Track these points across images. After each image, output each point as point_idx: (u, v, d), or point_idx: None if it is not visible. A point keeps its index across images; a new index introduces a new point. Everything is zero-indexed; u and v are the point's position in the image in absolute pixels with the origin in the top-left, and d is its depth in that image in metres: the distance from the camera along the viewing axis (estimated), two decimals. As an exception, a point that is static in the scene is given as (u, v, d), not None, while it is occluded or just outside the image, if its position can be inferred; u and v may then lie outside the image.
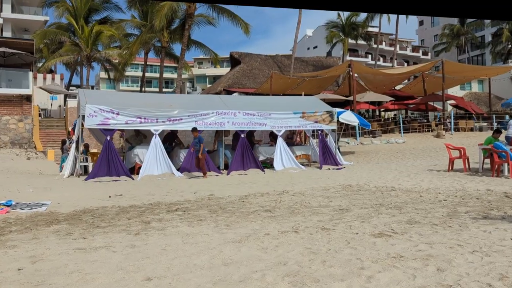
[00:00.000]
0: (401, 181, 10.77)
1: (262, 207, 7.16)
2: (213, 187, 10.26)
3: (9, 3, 49.16)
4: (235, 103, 15.75)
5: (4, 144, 23.60)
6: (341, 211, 6.67)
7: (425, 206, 7.08)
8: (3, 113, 23.93)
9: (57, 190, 9.75)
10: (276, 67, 39.22)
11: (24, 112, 24.37)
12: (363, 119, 19.57)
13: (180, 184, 11.11)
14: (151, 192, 9.24)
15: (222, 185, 10.73)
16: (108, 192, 9.41)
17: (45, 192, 9.47)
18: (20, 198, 8.40)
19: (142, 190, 9.76)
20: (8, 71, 25.97)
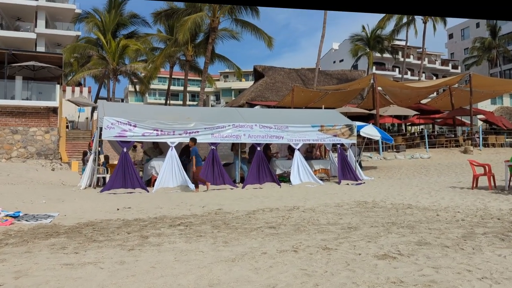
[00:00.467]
0: (420, 198, 10.34)
1: (267, 223, 6.93)
2: (224, 201, 10.09)
3: (44, 19, 50.99)
4: (253, 116, 15.62)
5: (30, 155, 24.12)
6: (349, 230, 6.37)
7: (439, 226, 6.70)
8: (31, 125, 24.50)
9: (69, 202, 9.76)
10: (300, 80, 39.05)
11: (50, 124, 24.89)
12: (385, 133, 19.11)
13: (192, 197, 10.99)
14: (160, 205, 9.13)
15: (233, 199, 10.54)
16: (120, 205, 9.36)
17: (57, 203, 9.49)
18: (31, 209, 8.43)
19: (153, 203, 9.67)
20: (37, 84, 26.69)
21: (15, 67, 25.79)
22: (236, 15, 30.46)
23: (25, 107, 24.36)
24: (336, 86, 29.75)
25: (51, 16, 51.41)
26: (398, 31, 44.47)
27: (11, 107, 24.09)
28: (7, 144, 23.65)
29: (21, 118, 24.32)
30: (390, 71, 68.18)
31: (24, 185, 15.41)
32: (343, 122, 16.01)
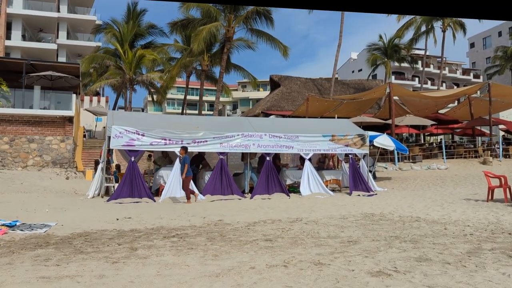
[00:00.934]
0: (431, 210, 9.96)
1: (265, 235, 6.70)
2: (228, 211, 9.89)
3: (65, 30, 52.10)
4: (262, 125, 15.44)
5: (46, 163, 24.39)
6: (348, 244, 6.10)
7: (445, 241, 6.37)
8: (47, 134, 24.82)
9: (72, 211, 9.70)
10: (316, 90, 38.78)
11: (66, 133, 25.17)
12: (399, 143, 18.68)
13: (196, 207, 10.82)
14: (161, 216, 8.99)
15: (238, 209, 10.34)
16: (122, 214, 9.26)
17: (60, 212, 9.44)
18: (32, 218, 8.38)
19: (155, 213, 9.53)
20: (53, 94, 27.09)
21: (33, 77, 26.27)
22: (251, 24, 30.48)
23: (42, 116, 24.70)
24: (351, 96, 29.38)
25: (72, 27, 52.51)
26: (417, 40, 43.87)
27: (28, 116, 24.46)
28: (24, 153, 23.98)
29: (37, 127, 24.66)
30: (409, 80, 67.34)
31: (35, 194, 15.50)
32: (355, 131, 15.68)
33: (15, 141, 23.90)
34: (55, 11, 48.94)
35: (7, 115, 24.21)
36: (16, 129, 24.35)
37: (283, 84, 38.79)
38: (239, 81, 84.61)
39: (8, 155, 23.69)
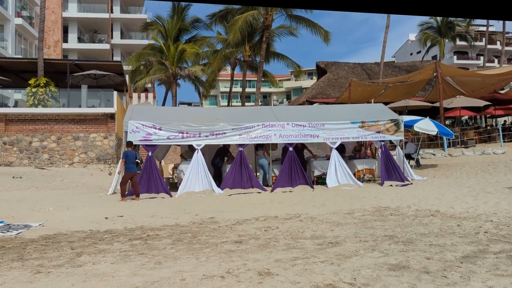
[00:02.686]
0: (459, 202, 8.77)
1: (240, 236, 6.02)
2: (230, 207, 9.28)
3: (119, 30, 53.72)
4: (287, 114, 14.64)
5: (91, 160, 25.05)
6: (326, 246, 5.29)
7: (447, 241, 5.37)
8: (91, 131, 25.45)
9: (75, 209, 9.53)
10: (365, 74, 37.05)
11: (109, 129, 25.68)
12: (444, 128, 17.07)
13: (203, 202, 10.29)
14: (156, 213, 8.54)
15: (244, 204, 9.69)
16: (127, 211, 8.94)
17: (61, 211, 9.28)
18: (25, 218, 8.24)
19: (154, 210, 9.11)
20: (96, 92, 27.81)
21: (78, 76, 27.05)
22: (290, 11, 29.45)
23: (85, 114, 25.35)
24: (394, 79, 27.57)
25: (125, 26, 54.03)
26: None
27: (73, 114, 25.19)
28: (70, 150, 24.74)
29: (82, 125, 25.35)
30: (474, 59, 62.94)
31: (69, 190, 15.76)
32: (388, 116, 14.43)
33: (62, 139, 24.72)
34: (108, 12, 50.53)
35: (53, 114, 25.07)
36: (62, 128, 25.17)
37: (330, 71, 37.41)
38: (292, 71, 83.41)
39: (55, 153, 24.56)
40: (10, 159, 23.93)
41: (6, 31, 39.19)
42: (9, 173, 20.05)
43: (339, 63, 38.57)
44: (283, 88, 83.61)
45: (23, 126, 24.73)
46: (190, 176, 12.91)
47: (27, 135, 24.50)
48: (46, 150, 24.38)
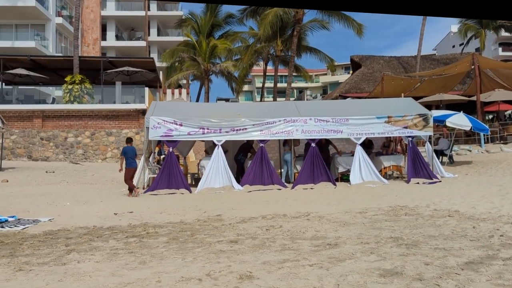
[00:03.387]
0: (484, 202, 8.23)
1: (238, 235, 5.84)
2: (242, 205, 9.09)
3: (155, 27, 54.58)
4: (310, 109, 14.30)
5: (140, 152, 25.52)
6: (322, 248, 5.03)
7: (454, 245, 5.00)
8: (123, 127, 25.94)
9: (92, 204, 9.63)
10: (401, 68, 35.92)
11: (140, 125, 26.06)
12: (479, 123, 16.20)
13: (218, 199, 10.17)
14: (164, 210, 8.48)
15: (257, 202, 9.49)
16: (139, 207, 8.96)
17: (77, 206, 9.40)
18: (45, 212, 8.38)
19: (164, 206, 9.05)
20: (128, 88, 28.31)
21: (111, 73, 27.59)
22: (322, 4, 28.80)
23: (118, 110, 25.84)
24: (429, 72, 26.49)
25: (162, 24, 54.80)
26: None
27: (106, 110, 25.74)
28: (103, 146, 25.31)
29: (114, 120, 25.87)
30: (522, 51, 59.80)
31: (96, 185, 16.05)
32: (416, 111, 13.82)
33: (95, 134, 25.31)
34: (145, 9, 51.38)
35: (87, 110, 25.72)
36: (96, 124, 25.78)
37: (364, 65, 36.53)
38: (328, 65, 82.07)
39: (89, 148, 25.18)
40: (47, 154, 24.72)
41: (47, 30, 40.47)
42: (43, 168, 20.70)
43: (374, 57, 37.59)
44: (320, 83, 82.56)
45: (59, 122, 25.49)
46: (210, 172, 12.84)
47: (63, 130, 25.24)
48: (80, 146, 25.04)
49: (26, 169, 19.90)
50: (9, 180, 16.34)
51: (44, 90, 29.98)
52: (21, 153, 24.61)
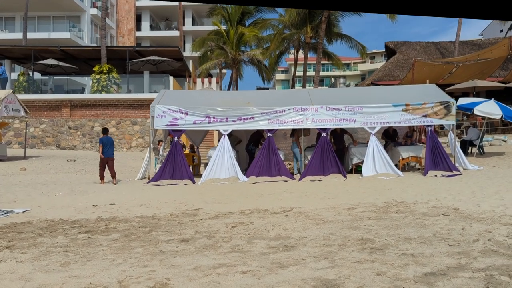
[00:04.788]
0: (494, 199, 7.38)
1: (196, 233, 5.40)
2: (232, 198, 8.61)
3: (190, 17, 54.68)
4: (324, 97, 13.59)
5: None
6: (276, 250, 4.50)
7: (426, 250, 4.35)
8: (147, 116, 25.83)
9: (83, 195, 9.46)
10: (439, 54, 34.10)
11: (165, 114, 26.02)
12: (510, 111, 14.92)
13: (213, 191, 9.75)
14: (150, 203, 8.13)
15: (251, 195, 8.99)
16: (131, 199, 8.69)
17: (67, 196, 9.23)
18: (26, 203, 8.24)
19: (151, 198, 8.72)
20: (160, 78, 28.33)
21: (138, 62, 27.70)
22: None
23: (143, 99, 25.89)
24: (462, 57, 24.87)
25: (197, 13, 54.78)
26: None
27: (131, 100, 25.87)
28: (128, 135, 25.49)
29: (139, 110, 25.96)
30: None
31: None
32: (437, 98, 12.81)
33: (121, 124, 25.52)
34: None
35: (113, 100, 25.94)
36: (121, 113, 25.99)
37: (399, 51, 34.98)
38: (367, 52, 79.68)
39: (115, 137, 25.35)
40: (74, 143, 25.17)
41: (83, 21, 41.23)
42: (68, 157, 21.00)
43: (410, 43, 35.94)
44: (358, 71, 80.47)
45: (86, 112, 25.87)
46: (215, 162, 12.46)
47: (90, 120, 25.59)
48: (106, 135, 25.30)
49: (50, 157, 20.26)
50: (28, 168, 16.62)
51: (78, 80, 30.46)
52: (49, 142, 25.18)
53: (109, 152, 12.44)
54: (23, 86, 27.35)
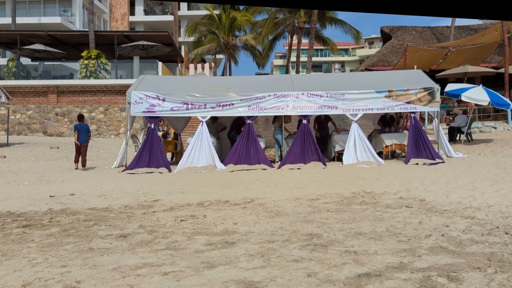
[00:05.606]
0: (466, 189, 7.08)
1: (140, 227, 5.12)
2: (197, 188, 8.32)
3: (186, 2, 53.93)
4: (306, 83, 13.22)
5: (135, 131, 25.27)
6: (215, 248, 4.22)
7: (371, 247, 4.07)
8: (137, 103, 25.62)
9: (48, 184, 9.19)
10: (435, 39, 33.52)
11: (154, 101, 25.67)
12: (500, 97, 14.52)
13: (185, 180, 9.49)
14: (113, 193, 7.84)
15: (220, 185, 8.69)
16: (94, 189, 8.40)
17: (31, 186, 8.95)
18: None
19: (117, 188, 8.44)
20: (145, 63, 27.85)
21: (127, 47, 27.23)
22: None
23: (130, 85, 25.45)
24: (454, 42, 24.37)
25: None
26: None
27: (119, 86, 25.47)
28: (116, 121, 25.16)
29: (127, 96, 25.55)
30: None
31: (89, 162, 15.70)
32: (421, 84, 12.45)
33: (109, 110, 25.16)
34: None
35: (101, 86, 25.57)
36: (109, 99, 25.63)
37: (395, 36, 34.37)
38: (366, 38, 78.92)
39: (103, 123, 25.11)
40: (61, 130, 24.86)
41: (74, 6, 40.55)
42: (52, 143, 20.70)
43: (406, 28, 35.29)
44: (357, 57, 79.68)
45: (73, 98, 25.51)
46: (193, 150, 12.16)
47: (77, 106, 25.24)
48: (94, 121, 24.98)
49: (34, 144, 19.97)
50: (8, 155, 16.35)
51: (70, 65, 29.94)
52: (36, 129, 24.87)
53: (81, 138, 12.58)
54: (12, 71, 26.94)
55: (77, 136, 12.54)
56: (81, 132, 12.60)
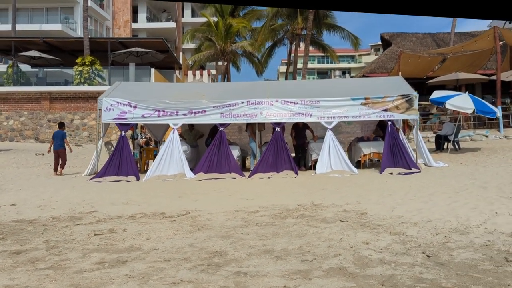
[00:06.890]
0: (419, 202, 6.68)
1: (44, 243, 4.82)
2: (149, 198, 8.04)
3: (189, 9, 54.12)
4: (281, 90, 12.92)
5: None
6: (101, 267, 3.91)
7: (265, 269, 3.72)
8: (130, 109, 25.49)
9: (4, 193, 8.96)
10: (435, 46, 32.99)
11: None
12: (485, 105, 14.02)
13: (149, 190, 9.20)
14: (56, 203, 7.59)
15: (175, 195, 8.39)
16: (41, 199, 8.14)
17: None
18: None
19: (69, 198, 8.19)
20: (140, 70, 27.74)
21: (121, 54, 27.17)
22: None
23: (123, 92, 25.36)
24: (447, 49, 23.83)
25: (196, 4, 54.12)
26: None
27: (112, 93, 25.32)
28: (109, 128, 24.98)
29: (120, 103, 25.45)
30: None
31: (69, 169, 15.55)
32: (399, 92, 12.05)
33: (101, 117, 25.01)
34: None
35: (94, 92, 25.47)
36: (102, 106, 25.48)
37: (395, 43, 33.95)
38: (372, 44, 78.36)
39: (94, 130, 24.98)
40: (53, 136, 24.77)
41: (76, 13, 40.80)
42: (42, 150, 20.59)
43: (406, 34, 34.86)
44: (363, 63, 79.10)
45: (66, 104, 25.46)
46: (163, 158, 11.89)
47: (69, 112, 25.20)
48: (86, 128, 24.92)
49: (20, 151, 19.90)
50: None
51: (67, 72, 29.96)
52: (29, 135, 24.85)
53: (56, 145, 13.05)
54: (11, 78, 27.02)
55: (51, 144, 13.10)
56: (56, 139, 13.09)
